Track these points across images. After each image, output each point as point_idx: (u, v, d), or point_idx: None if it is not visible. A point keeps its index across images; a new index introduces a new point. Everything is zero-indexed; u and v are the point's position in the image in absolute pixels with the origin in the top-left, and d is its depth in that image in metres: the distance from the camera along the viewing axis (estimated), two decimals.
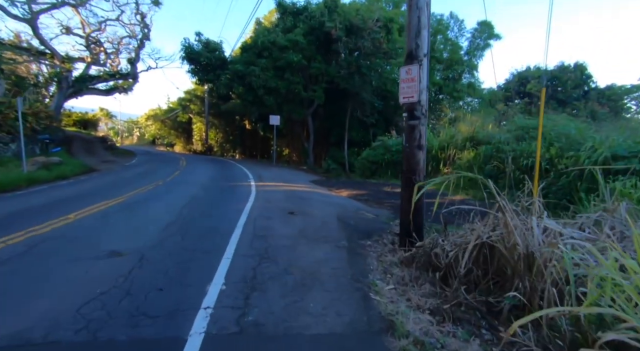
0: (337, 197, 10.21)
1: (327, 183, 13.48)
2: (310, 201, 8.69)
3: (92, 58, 29.97)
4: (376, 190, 11.94)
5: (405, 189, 4.83)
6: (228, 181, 11.91)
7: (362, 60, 17.11)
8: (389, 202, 9.93)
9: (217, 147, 36.19)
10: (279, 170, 17.26)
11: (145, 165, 18.38)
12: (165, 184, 10.68)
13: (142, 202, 7.70)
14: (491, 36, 20.57)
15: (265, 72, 17.77)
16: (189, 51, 19.11)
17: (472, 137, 12.41)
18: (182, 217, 6.30)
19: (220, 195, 8.84)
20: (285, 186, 11.30)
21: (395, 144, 14.21)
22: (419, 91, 4.56)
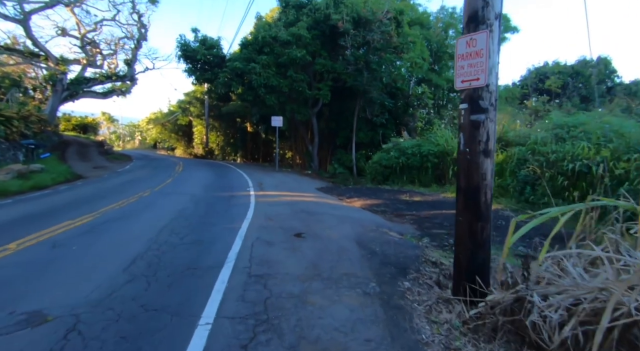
0: (350, 209, 8.71)
1: (335, 190, 11.99)
2: (320, 216, 7.20)
3: (87, 60, 28.80)
4: (392, 199, 10.44)
5: (463, 213, 3.32)
6: (224, 190, 10.45)
7: (371, 55, 15.63)
8: (409, 214, 8.45)
9: (218, 150, 34.84)
10: (282, 176, 15.79)
11: (138, 171, 16.99)
12: (152, 195, 9.24)
13: (115, 221, 6.23)
14: (507, 29, 19.06)
15: (267, 70, 16.33)
16: (185, 49, 17.72)
17: (499, 138, 10.88)
18: (157, 245, 4.82)
19: (212, 210, 7.37)
20: (289, 196, 9.82)
21: (411, 146, 12.70)
22: (487, 70, 3.06)
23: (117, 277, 3.70)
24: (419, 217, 8.24)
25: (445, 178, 12.37)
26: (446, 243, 6.11)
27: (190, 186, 11.12)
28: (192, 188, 10.52)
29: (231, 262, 4.22)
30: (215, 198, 8.97)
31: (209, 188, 10.65)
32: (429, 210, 8.98)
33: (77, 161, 20.82)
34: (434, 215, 8.39)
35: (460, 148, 3.34)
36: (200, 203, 8.05)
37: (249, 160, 31.10)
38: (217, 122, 32.72)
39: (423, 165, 12.55)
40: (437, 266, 4.73)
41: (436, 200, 10.30)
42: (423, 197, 10.79)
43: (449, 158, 12.14)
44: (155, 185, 11.20)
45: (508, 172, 10.00)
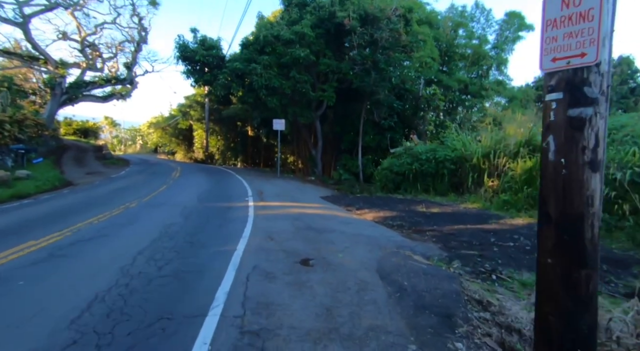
0: (361, 224, 7.63)
1: (342, 200, 10.91)
2: (330, 234, 6.12)
3: (87, 63, 28.07)
4: (407, 210, 9.36)
5: (555, 253, 2.23)
6: (221, 200, 9.41)
7: (379, 54, 14.63)
8: (430, 229, 7.38)
9: (219, 155, 33.90)
10: (284, 183, 14.74)
11: (132, 177, 16.00)
12: (140, 206, 8.20)
13: (86, 242, 5.18)
14: (522, 27, 18.06)
15: (268, 70, 15.37)
16: (183, 49, 16.81)
17: (528, 142, 9.80)
18: (127, 279, 3.76)
19: (204, 227, 6.30)
20: (293, 207, 8.75)
21: (425, 151, 11.62)
22: (599, 40, 2.01)
23: (54, 339, 2.63)
24: (442, 233, 7.17)
25: (463, 187, 11.27)
26: (482, 269, 5.06)
27: (184, 195, 10.08)
28: (186, 198, 9.48)
29: (219, 307, 3.15)
30: (209, 210, 7.91)
31: (204, 198, 9.60)
32: (451, 224, 7.90)
33: (71, 166, 19.90)
34: (458, 230, 7.30)
35: (548, 158, 2.26)
36: (192, 217, 7.00)
37: (250, 165, 30.11)
38: (217, 126, 31.81)
39: (439, 172, 11.47)
40: (486, 308, 3.65)
41: (457, 212, 9.21)
42: (441, 207, 9.70)
43: (467, 165, 11.06)
44: (146, 193, 10.17)
45: (540, 181, 8.90)
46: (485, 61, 18.13)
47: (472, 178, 10.81)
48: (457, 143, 11.54)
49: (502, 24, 18.40)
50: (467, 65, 18.18)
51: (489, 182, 10.57)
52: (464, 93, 18.34)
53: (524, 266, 5.17)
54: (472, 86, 18.06)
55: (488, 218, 8.47)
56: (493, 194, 10.38)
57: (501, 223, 8.05)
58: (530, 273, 4.88)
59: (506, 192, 9.56)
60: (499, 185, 10.34)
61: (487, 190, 10.54)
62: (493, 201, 10.04)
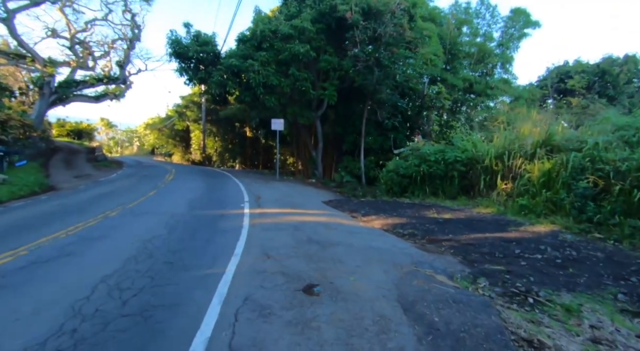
0: (370, 233, 6.78)
1: (346, 205, 10.06)
2: (336, 249, 5.26)
3: (77, 62, 27.12)
4: (417, 216, 8.51)
5: None
6: (213, 207, 8.53)
7: (382, 50, 13.81)
8: (445, 238, 6.57)
9: (217, 156, 32.98)
10: (283, 186, 13.87)
11: (122, 180, 15.09)
12: (121, 215, 7.31)
13: (41, 264, 4.29)
14: (527, 24, 17.30)
15: (266, 67, 14.51)
16: (176, 45, 15.92)
17: (545, 142, 8.97)
18: (76, 321, 2.86)
19: (190, 241, 5.42)
20: (293, 215, 7.88)
21: (433, 152, 10.78)
22: None
23: None
24: (459, 242, 6.34)
25: (474, 190, 10.44)
26: (514, 289, 4.28)
27: (173, 201, 9.19)
28: (175, 205, 8.59)
29: None
30: (199, 219, 7.03)
31: (195, 205, 8.71)
32: (468, 232, 7.07)
33: (59, 169, 18.96)
34: (476, 240, 6.48)
35: None
36: (178, 229, 6.11)
37: (248, 166, 29.23)
38: (215, 127, 30.92)
39: (448, 174, 10.64)
40: None
41: (471, 218, 8.37)
42: (453, 213, 8.86)
43: (478, 166, 10.23)
44: (132, 199, 9.28)
45: (560, 184, 8.07)
46: (491, 59, 17.34)
47: (484, 180, 9.98)
48: (467, 143, 10.72)
49: (507, 21, 17.64)
50: (472, 63, 17.38)
51: (502, 185, 9.75)
52: (469, 93, 17.53)
53: (562, 286, 4.38)
54: (477, 85, 17.25)
55: (506, 225, 7.65)
56: (507, 198, 9.57)
57: (522, 231, 7.22)
58: (570, 294, 4.09)
59: (523, 196, 8.73)
60: (512, 188, 9.52)
61: (500, 194, 9.72)
62: (508, 205, 9.21)
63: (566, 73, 20.59)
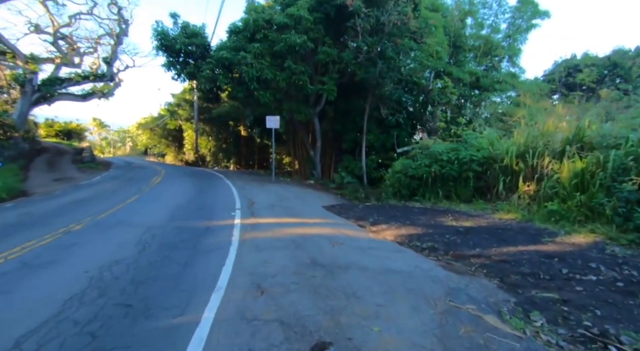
0: (384, 248, 5.66)
1: (351, 211, 8.93)
2: (348, 276, 4.12)
3: (62, 58, 25.68)
4: (433, 224, 7.42)
5: None
6: (199, 217, 7.35)
7: (386, 41, 12.68)
8: (473, 253, 5.49)
9: (210, 156, 31.68)
10: (280, 189, 12.70)
11: (105, 183, 13.84)
12: (87, 229, 6.12)
13: None
14: (536, 14, 16.28)
15: (260, 60, 13.31)
16: (162, 37, 14.66)
17: (577, 138, 7.91)
18: None
19: (161, 268, 4.26)
20: (291, 226, 6.74)
21: (446, 151, 9.69)
22: None
23: None
24: (490, 258, 5.26)
25: (491, 192, 9.38)
26: (583, 331, 3.24)
27: (154, 209, 8.01)
28: (155, 214, 7.41)
29: None
30: (180, 233, 5.86)
31: (178, 213, 7.54)
32: (496, 244, 5.99)
33: (39, 172, 17.63)
34: (509, 255, 5.40)
35: None
36: (151, 248, 4.94)
37: (243, 167, 28.00)
38: (208, 126, 29.61)
39: (462, 175, 9.56)
40: None
41: (494, 226, 7.29)
42: (472, 219, 7.78)
43: (496, 166, 9.17)
44: (107, 207, 8.08)
45: (597, 186, 7.02)
46: (498, 52, 16.30)
47: (503, 182, 8.91)
48: (483, 141, 9.65)
49: (515, 11, 16.61)
50: (479, 57, 16.33)
51: (524, 187, 8.69)
52: (475, 87, 16.49)
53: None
54: (483, 79, 16.21)
55: (538, 235, 6.58)
56: (530, 201, 8.52)
57: (559, 243, 6.15)
58: None
59: (552, 200, 7.67)
60: (536, 191, 8.47)
61: (522, 197, 8.66)
62: (532, 210, 8.16)
63: (574, 66, 19.65)
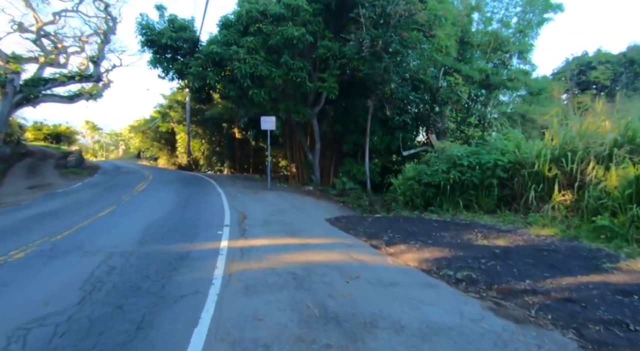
0: (411, 280, 4.34)
1: (359, 225, 7.60)
2: (376, 340, 2.80)
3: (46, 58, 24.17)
4: (459, 242, 6.13)
5: None
6: (178, 238, 5.99)
7: (392, 34, 11.43)
8: (522, 287, 4.23)
9: (204, 159, 30.23)
10: (276, 198, 11.36)
11: (83, 191, 12.42)
12: (24, 261, 4.74)
13: None
14: (547, 8, 15.20)
15: (253, 55, 12.00)
16: (147, 32, 13.29)
17: (626, 139, 6.69)
18: None
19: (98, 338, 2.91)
20: (291, 250, 5.40)
21: (466, 154, 8.42)
22: None
23: None
24: (549, 296, 3.97)
25: (518, 202, 8.12)
26: None
27: (126, 226, 6.64)
28: (125, 234, 6.04)
29: None
30: (146, 265, 4.51)
31: (154, 232, 6.17)
32: (548, 273, 4.71)
33: (16, 178, 16.16)
34: (571, 289, 4.11)
35: None
36: (100, 293, 3.59)
37: (238, 171, 26.59)
38: (201, 128, 28.20)
39: (484, 182, 8.31)
40: None
41: (533, 245, 6.01)
42: (505, 236, 6.50)
43: (525, 172, 7.92)
44: (74, 222, 6.69)
45: None
46: (509, 47, 15.18)
47: (534, 190, 7.67)
48: (509, 143, 8.41)
49: (525, 4, 15.54)
50: (488, 53, 15.18)
51: (559, 196, 7.46)
52: (485, 86, 15.32)
53: None
54: (493, 76, 15.05)
55: (594, 259, 5.30)
56: (567, 213, 7.29)
57: (627, 271, 4.87)
58: None
59: (600, 213, 6.44)
60: (574, 201, 7.25)
61: (557, 208, 7.43)
62: (572, 224, 6.93)
63: (587, 64, 18.62)
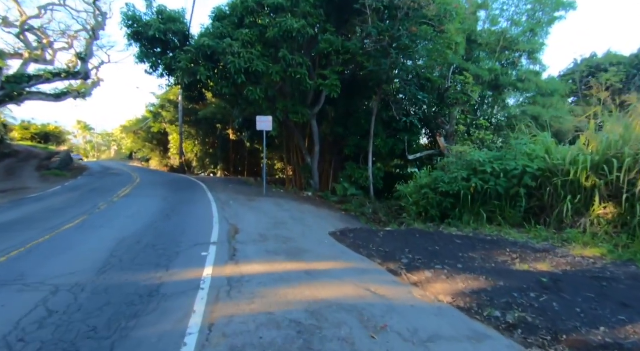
0: (456, 334, 3.20)
1: (371, 242, 6.46)
2: None
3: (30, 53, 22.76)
4: (494, 266, 5.03)
5: None
6: (148, 265, 4.79)
7: (400, 27, 10.38)
8: (598, 339, 3.06)
9: (197, 161, 28.92)
10: (273, 205, 10.18)
11: (59, 197, 11.12)
12: None
13: None
14: (559, 6, 14.35)
15: (249, 49, 10.87)
16: (133, 22, 12.08)
17: None
18: None
19: None
20: (293, 282, 4.23)
21: (489, 160, 7.36)
22: None
23: None
24: None
25: (549, 215, 7.08)
26: None
27: (90, 245, 5.42)
28: (85, 256, 4.83)
29: None
30: (98, 309, 3.32)
31: (121, 254, 4.97)
32: (622, 314, 3.64)
33: None
34: None
35: None
36: None
37: (232, 173, 25.34)
38: (194, 129, 26.91)
39: (509, 191, 7.26)
40: None
41: (584, 270, 4.94)
42: (543, 257, 5.42)
43: (557, 181, 6.88)
44: (28, 239, 5.47)
45: None
46: (520, 46, 14.26)
47: (571, 202, 6.62)
48: (537, 147, 7.37)
49: (535, 2, 14.69)
50: (497, 52, 14.24)
51: (599, 209, 6.43)
52: (494, 87, 14.37)
53: None
54: (503, 77, 14.11)
55: None
56: (610, 229, 6.26)
57: None
58: None
59: None
60: (619, 215, 6.23)
61: (598, 223, 6.40)
62: (619, 241, 5.90)
63: (597, 66, 17.84)
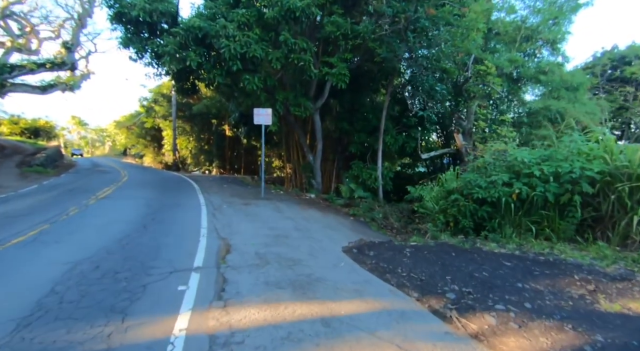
0: None
1: (398, 264, 5.08)
2: None
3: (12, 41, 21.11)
4: (574, 306, 3.66)
5: None
6: (97, 312, 3.39)
7: (419, 8, 8.95)
8: None
9: (191, 158, 27.41)
10: (272, 210, 8.77)
11: (30, 197, 9.65)
12: None
13: None
14: None
15: (245, 32, 9.40)
16: (115, 2, 10.53)
17: None
18: None
19: None
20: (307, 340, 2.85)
21: (537, 161, 6.01)
22: None
23: None
24: None
25: (608, 227, 5.75)
26: None
27: (30, 273, 4.01)
28: (14, 292, 3.43)
29: None
30: None
31: (66, 291, 3.56)
32: None
33: None
34: None
35: None
36: None
37: (227, 171, 23.86)
38: (188, 125, 25.36)
39: (559, 199, 5.91)
40: None
41: None
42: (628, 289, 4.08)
43: (623, 188, 5.54)
44: None
45: None
46: (543, 35, 12.91)
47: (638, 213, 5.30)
48: (596, 149, 6.03)
49: None
50: (518, 41, 12.88)
51: None
52: (513, 79, 13.01)
53: None
54: (524, 69, 12.75)
55: None
56: None
57: None
58: None
59: None
60: None
61: None
62: None
63: (620, 58, 16.61)
